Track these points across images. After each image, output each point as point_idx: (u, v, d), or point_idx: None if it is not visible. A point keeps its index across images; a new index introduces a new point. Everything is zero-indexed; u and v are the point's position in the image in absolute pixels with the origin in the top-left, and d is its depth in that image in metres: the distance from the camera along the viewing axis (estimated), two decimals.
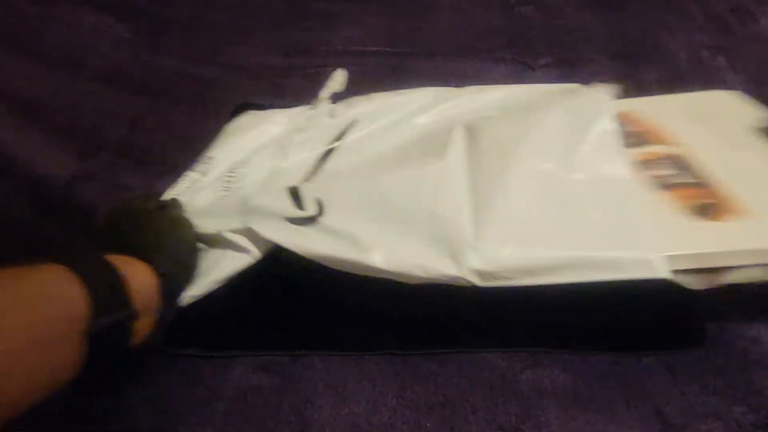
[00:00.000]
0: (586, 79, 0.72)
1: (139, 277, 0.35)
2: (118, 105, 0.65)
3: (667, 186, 0.43)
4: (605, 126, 0.46)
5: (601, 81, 0.71)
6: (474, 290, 0.46)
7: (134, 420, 0.39)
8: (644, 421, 0.40)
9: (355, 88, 0.70)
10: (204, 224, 0.42)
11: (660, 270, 0.37)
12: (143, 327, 0.35)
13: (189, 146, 0.60)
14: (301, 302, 0.45)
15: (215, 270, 0.40)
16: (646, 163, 0.46)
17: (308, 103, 0.66)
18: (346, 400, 0.40)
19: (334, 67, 0.73)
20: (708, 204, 0.42)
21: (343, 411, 0.40)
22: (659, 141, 0.49)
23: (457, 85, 0.71)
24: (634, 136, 0.49)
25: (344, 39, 0.78)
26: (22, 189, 0.53)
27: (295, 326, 0.44)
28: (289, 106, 0.67)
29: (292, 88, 0.70)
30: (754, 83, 0.72)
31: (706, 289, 0.41)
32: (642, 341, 0.44)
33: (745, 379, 0.42)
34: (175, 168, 0.58)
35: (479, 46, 0.77)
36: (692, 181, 0.44)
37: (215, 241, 0.42)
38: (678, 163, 0.46)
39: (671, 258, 0.38)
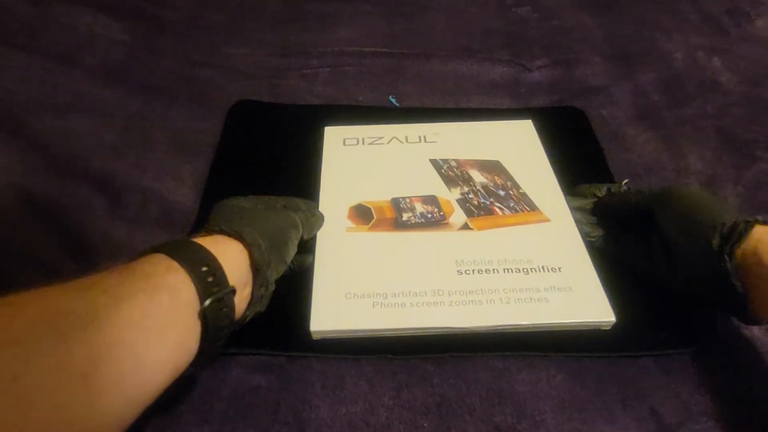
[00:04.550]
0: (582, 80, 0.73)
1: (229, 254, 0.36)
2: (113, 106, 0.65)
3: None
4: None
5: (597, 82, 0.72)
6: None
7: None
8: (639, 421, 0.40)
9: (352, 88, 0.71)
10: None
11: None
12: (240, 302, 0.36)
13: (185, 147, 0.61)
14: (298, 302, 0.45)
15: None
16: None
17: (305, 103, 0.67)
18: (343, 400, 0.40)
19: (331, 67, 0.74)
20: None
21: (340, 411, 0.40)
22: None
23: (455, 86, 0.71)
24: None
25: (341, 40, 0.78)
26: (17, 193, 0.53)
27: (292, 327, 0.44)
28: (288, 104, 0.67)
29: (288, 88, 0.70)
30: (749, 84, 0.72)
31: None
32: (637, 342, 0.44)
33: (739, 379, 0.43)
34: (172, 170, 0.58)
35: (476, 47, 0.77)
36: None
37: None
38: None
39: None
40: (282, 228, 0.43)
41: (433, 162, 0.57)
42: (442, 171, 0.55)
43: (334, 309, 0.44)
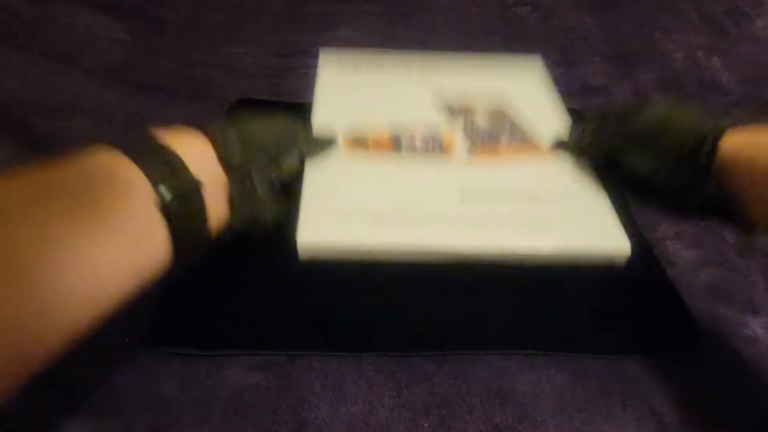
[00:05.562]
0: (582, 80, 0.73)
1: (194, 148, 0.32)
2: (113, 106, 0.65)
3: None
4: None
5: (597, 82, 0.72)
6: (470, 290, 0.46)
7: (130, 420, 0.39)
8: (640, 421, 0.40)
9: None
10: None
11: None
12: (217, 203, 0.32)
13: None
14: (297, 301, 0.45)
15: None
16: None
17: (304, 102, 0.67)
18: (343, 399, 0.40)
19: None
20: None
21: (339, 411, 0.40)
22: None
23: None
24: None
25: (341, 39, 0.78)
26: None
27: (292, 326, 0.44)
28: (289, 103, 0.67)
29: (288, 88, 0.70)
30: (749, 84, 0.72)
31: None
32: (637, 342, 0.44)
33: (739, 378, 0.43)
34: None
35: (476, 47, 0.77)
36: None
37: None
38: None
39: None
40: (277, 133, 0.38)
41: (437, 92, 0.54)
42: (446, 102, 0.53)
43: (325, 222, 0.39)
